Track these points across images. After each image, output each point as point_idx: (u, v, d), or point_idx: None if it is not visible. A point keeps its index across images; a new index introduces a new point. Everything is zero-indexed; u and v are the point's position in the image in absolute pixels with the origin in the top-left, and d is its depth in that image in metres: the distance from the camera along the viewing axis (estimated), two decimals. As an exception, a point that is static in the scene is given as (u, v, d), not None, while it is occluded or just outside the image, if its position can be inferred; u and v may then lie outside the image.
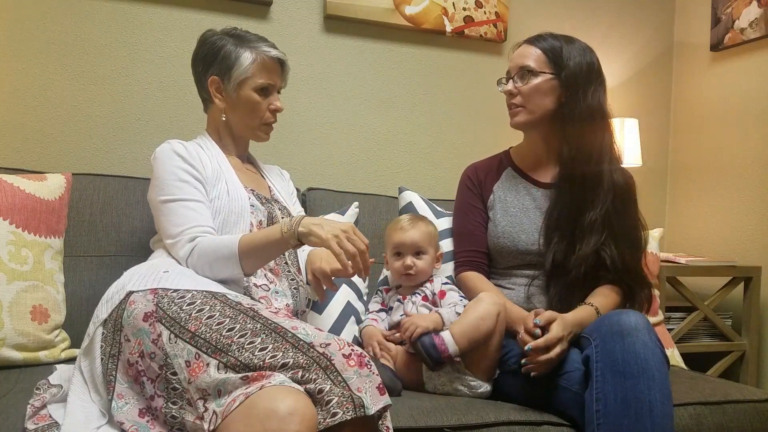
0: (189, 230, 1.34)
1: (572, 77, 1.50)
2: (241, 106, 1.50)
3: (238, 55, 1.47)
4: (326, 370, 1.02)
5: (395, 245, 1.62)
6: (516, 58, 1.57)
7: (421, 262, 1.60)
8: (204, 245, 1.31)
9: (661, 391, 1.17)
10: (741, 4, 2.41)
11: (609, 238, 1.47)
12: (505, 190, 1.63)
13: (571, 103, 1.51)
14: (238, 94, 1.49)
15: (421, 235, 1.61)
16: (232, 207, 1.41)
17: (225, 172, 1.46)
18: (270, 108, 1.52)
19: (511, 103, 1.57)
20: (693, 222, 2.63)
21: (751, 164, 2.40)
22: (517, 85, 1.54)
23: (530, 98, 1.53)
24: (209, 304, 1.14)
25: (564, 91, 1.52)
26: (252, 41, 1.50)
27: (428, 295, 1.58)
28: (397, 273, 1.62)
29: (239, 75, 1.47)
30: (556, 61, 1.52)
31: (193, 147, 1.46)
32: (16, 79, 1.88)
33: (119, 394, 1.12)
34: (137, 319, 1.14)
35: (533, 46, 1.56)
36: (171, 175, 1.39)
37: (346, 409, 0.98)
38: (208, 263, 1.30)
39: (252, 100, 1.49)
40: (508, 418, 1.28)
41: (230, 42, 1.49)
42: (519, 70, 1.55)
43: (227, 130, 1.55)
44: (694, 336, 2.30)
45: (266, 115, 1.52)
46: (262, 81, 1.49)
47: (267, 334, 1.07)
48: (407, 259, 1.59)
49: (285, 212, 1.55)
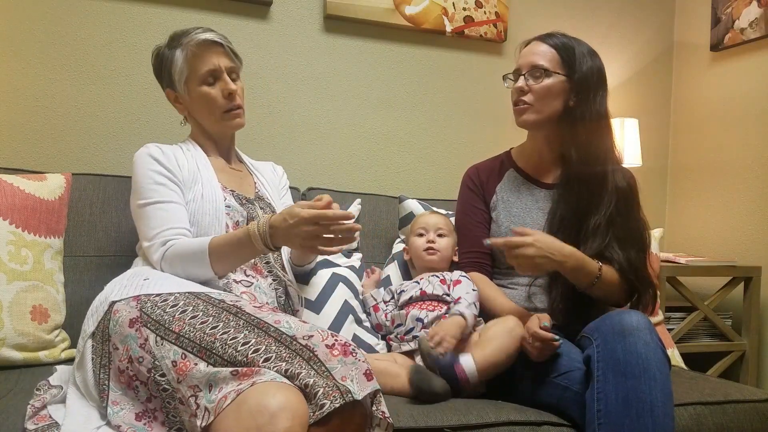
0: (163, 233, 1.34)
1: (584, 81, 1.49)
2: (196, 105, 1.48)
3: (172, 58, 1.46)
4: (309, 362, 1.02)
5: (419, 226, 1.70)
6: (528, 55, 1.54)
7: (443, 242, 1.66)
8: (175, 249, 1.31)
9: (663, 391, 1.17)
10: (741, 4, 2.41)
11: (613, 241, 1.47)
12: (508, 192, 1.63)
13: (581, 106, 1.49)
14: (190, 96, 1.47)
15: (444, 220, 1.71)
16: (206, 209, 1.40)
17: (203, 173, 1.45)
18: (224, 93, 1.45)
19: (520, 100, 1.53)
20: (693, 222, 2.63)
21: (751, 164, 2.40)
22: (529, 83, 1.51)
23: (541, 98, 1.51)
24: (192, 304, 1.15)
25: (574, 93, 1.50)
26: (178, 38, 1.46)
27: (446, 279, 1.58)
28: (419, 249, 1.67)
29: (181, 76, 1.45)
30: (569, 63, 1.50)
31: (171, 150, 1.46)
32: (16, 79, 1.88)
33: (114, 401, 1.13)
34: (123, 326, 1.14)
35: (546, 44, 1.53)
36: (147, 178, 1.39)
37: (333, 398, 0.98)
38: (181, 266, 1.31)
39: (202, 94, 1.45)
40: (508, 418, 1.27)
41: (165, 49, 1.48)
42: (531, 68, 1.51)
43: (202, 132, 1.54)
44: (694, 336, 2.30)
45: (221, 102, 1.46)
46: (203, 70, 1.44)
47: (250, 330, 1.08)
48: (430, 234, 1.66)
49: (268, 210, 1.53)
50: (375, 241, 1.96)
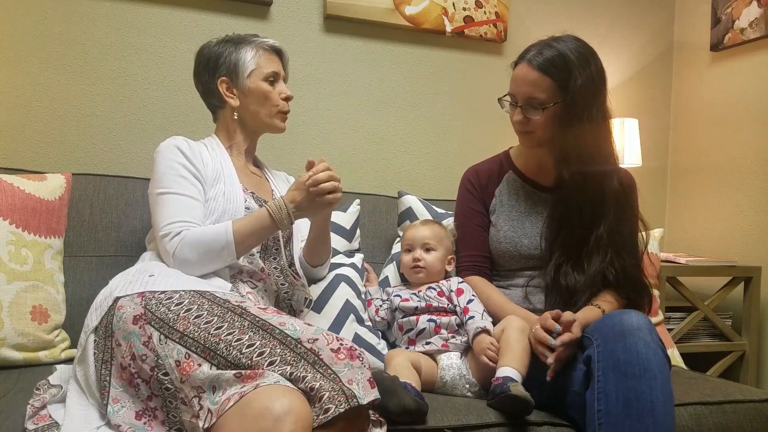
0: (180, 223, 1.34)
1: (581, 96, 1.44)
2: (253, 98, 1.53)
3: (239, 53, 1.52)
4: (314, 365, 1.03)
5: (407, 241, 1.68)
6: (521, 84, 1.47)
7: (430, 257, 1.63)
8: (194, 233, 1.32)
9: (663, 391, 1.17)
10: (741, 4, 2.41)
11: (612, 253, 1.47)
12: (507, 194, 1.63)
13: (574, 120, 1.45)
14: (249, 88, 1.52)
15: (432, 232, 1.66)
16: (227, 208, 1.42)
17: (225, 173, 1.47)
18: (281, 96, 1.55)
19: (522, 131, 1.51)
20: (693, 222, 2.63)
21: (750, 164, 2.40)
22: (528, 115, 1.47)
23: (542, 127, 1.48)
24: (197, 303, 1.15)
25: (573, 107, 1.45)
26: (247, 39, 1.55)
27: (443, 291, 1.58)
28: (406, 267, 1.66)
29: (246, 69, 1.51)
30: (564, 86, 1.44)
31: (197, 146, 1.48)
32: (16, 79, 1.88)
33: (114, 398, 1.12)
34: (127, 323, 1.14)
35: (537, 70, 1.44)
36: (170, 169, 1.40)
37: (338, 402, 0.99)
38: (198, 252, 1.31)
39: (263, 89, 1.52)
40: (508, 419, 1.27)
41: (228, 46, 1.54)
42: (526, 100, 1.47)
43: (240, 127, 1.56)
44: (694, 336, 2.30)
45: (278, 101, 1.54)
46: (268, 70, 1.53)
47: (254, 332, 1.08)
48: (416, 252, 1.64)
49: None
50: (375, 241, 1.96)
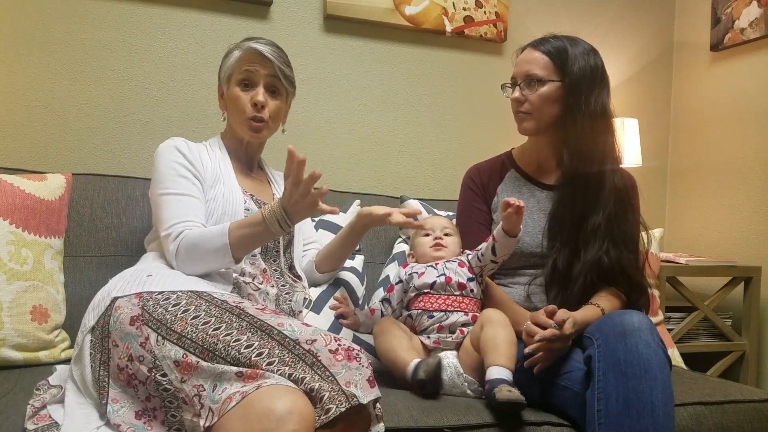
0: (182, 223, 1.34)
1: (576, 83, 1.48)
2: (230, 104, 1.51)
3: (228, 58, 1.51)
4: (313, 367, 1.03)
5: (426, 227, 1.62)
6: (521, 63, 1.54)
7: (450, 240, 1.60)
8: (194, 234, 1.32)
9: (663, 391, 1.17)
10: (741, 4, 2.41)
11: (609, 243, 1.47)
12: (509, 193, 1.63)
13: (574, 107, 1.49)
14: (227, 93, 1.51)
15: (448, 221, 1.66)
16: (226, 209, 1.42)
17: (224, 175, 1.47)
18: (251, 102, 1.47)
19: (519, 110, 1.54)
20: (693, 222, 2.63)
21: (751, 164, 2.40)
22: (525, 93, 1.52)
23: (538, 106, 1.51)
24: (194, 304, 1.15)
25: (569, 95, 1.50)
26: (242, 42, 1.51)
27: (464, 262, 1.54)
28: (426, 246, 1.60)
29: (225, 73, 1.51)
30: (562, 68, 1.50)
31: (197, 146, 1.48)
32: (16, 79, 1.88)
33: (113, 398, 1.12)
34: (124, 324, 1.14)
35: (538, 50, 1.52)
36: (170, 169, 1.41)
37: (339, 402, 0.99)
38: (197, 252, 1.31)
39: (234, 94, 1.49)
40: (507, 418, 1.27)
41: (229, 50, 1.53)
42: (525, 77, 1.52)
43: (233, 133, 1.56)
44: (694, 336, 2.30)
45: (247, 108, 1.47)
46: (240, 75, 1.48)
47: (253, 332, 1.08)
48: (437, 233, 1.60)
49: None
50: (375, 241, 1.96)
